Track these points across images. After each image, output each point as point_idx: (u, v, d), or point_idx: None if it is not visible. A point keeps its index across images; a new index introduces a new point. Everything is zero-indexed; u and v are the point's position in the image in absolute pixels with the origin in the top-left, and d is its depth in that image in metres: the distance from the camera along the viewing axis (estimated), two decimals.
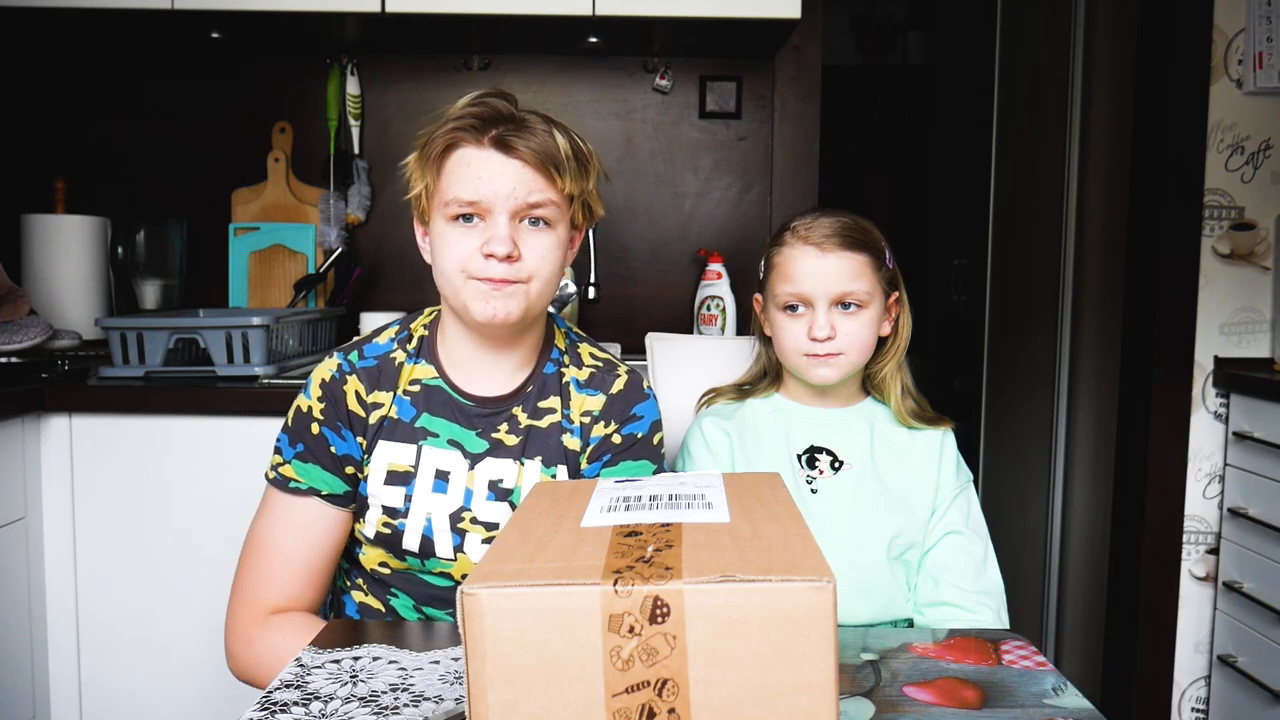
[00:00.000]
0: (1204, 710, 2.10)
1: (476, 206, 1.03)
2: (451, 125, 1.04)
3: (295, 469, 1.09)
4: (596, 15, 1.86)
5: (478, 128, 1.03)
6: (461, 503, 1.10)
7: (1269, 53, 2.00)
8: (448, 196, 1.04)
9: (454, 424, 1.11)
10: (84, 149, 2.22)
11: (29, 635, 1.61)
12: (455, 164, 1.04)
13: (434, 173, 1.05)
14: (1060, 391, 2.59)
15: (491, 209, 1.03)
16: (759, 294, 1.30)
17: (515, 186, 1.03)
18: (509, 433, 1.12)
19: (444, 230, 1.05)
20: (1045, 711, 0.78)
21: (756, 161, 2.27)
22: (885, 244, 1.24)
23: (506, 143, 1.03)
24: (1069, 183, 2.54)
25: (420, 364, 1.13)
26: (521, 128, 1.04)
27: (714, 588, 0.52)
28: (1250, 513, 1.94)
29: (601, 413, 1.14)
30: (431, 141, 1.05)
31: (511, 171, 1.03)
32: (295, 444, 1.10)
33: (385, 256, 2.26)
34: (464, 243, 1.04)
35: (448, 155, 1.05)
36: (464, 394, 1.12)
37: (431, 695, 0.81)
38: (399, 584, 1.14)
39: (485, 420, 1.11)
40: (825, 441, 1.25)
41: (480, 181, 1.02)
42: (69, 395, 1.62)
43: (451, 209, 1.04)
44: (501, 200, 1.03)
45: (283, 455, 1.10)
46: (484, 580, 0.53)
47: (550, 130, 1.05)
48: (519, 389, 1.13)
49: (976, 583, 1.19)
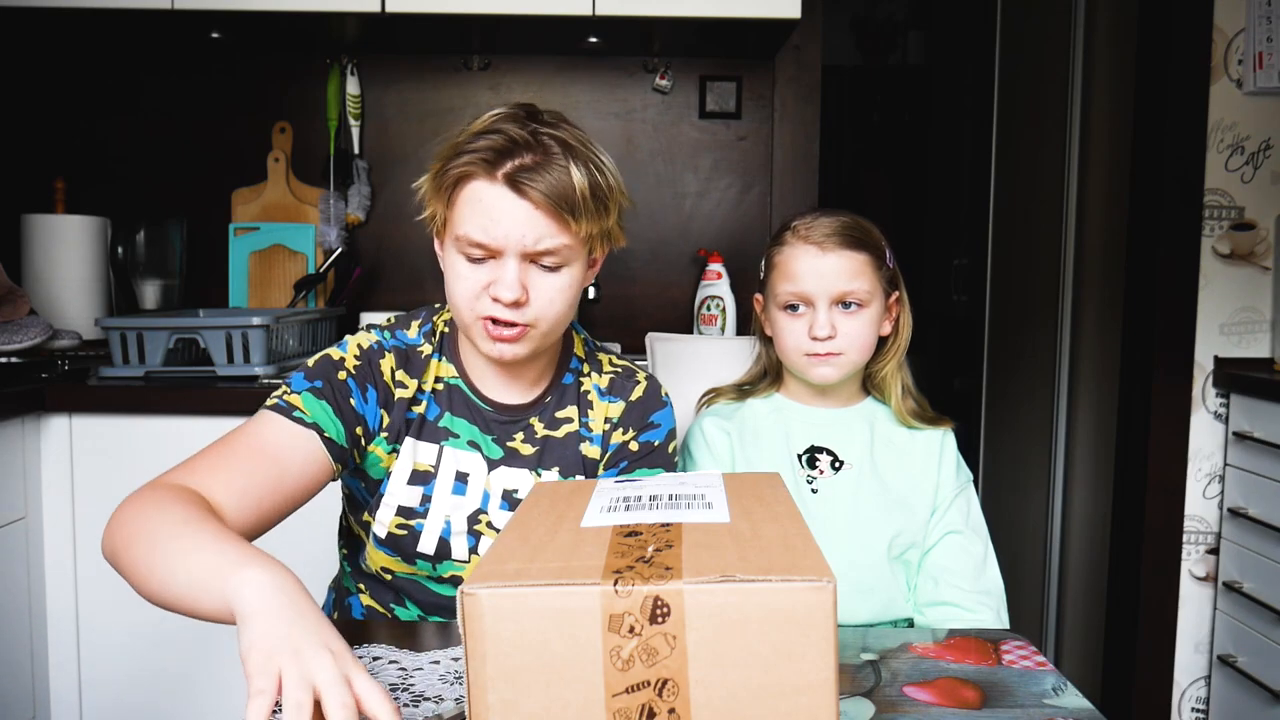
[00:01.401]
0: (1204, 710, 2.10)
1: (486, 249, 0.99)
2: (466, 158, 0.99)
3: (304, 400, 1.00)
4: (596, 15, 1.86)
5: (491, 161, 0.98)
6: (479, 504, 1.09)
7: (1269, 53, 2.00)
8: (458, 232, 1.00)
9: (474, 425, 1.09)
10: (84, 149, 2.22)
11: (29, 635, 1.61)
12: (466, 199, 0.99)
13: (445, 203, 1.02)
14: (1060, 391, 2.59)
15: (502, 251, 0.99)
16: (759, 294, 1.30)
17: (525, 231, 0.98)
18: (525, 442, 1.10)
19: (454, 262, 1.02)
20: (1045, 711, 0.78)
21: (756, 161, 2.27)
22: (886, 243, 1.24)
23: (518, 183, 0.97)
24: (1069, 183, 2.54)
25: (443, 361, 1.11)
26: (537, 164, 0.97)
27: (714, 588, 0.52)
28: (1250, 513, 1.94)
29: (620, 419, 1.13)
30: (446, 172, 1.00)
31: (522, 214, 0.98)
32: (312, 380, 1.02)
33: (385, 256, 2.26)
34: (473, 279, 1.00)
35: (460, 188, 1.00)
36: (483, 398, 1.10)
37: (431, 695, 0.81)
38: (405, 589, 1.12)
39: (502, 427, 1.10)
40: (825, 441, 1.25)
41: (491, 223, 0.98)
42: (69, 395, 1.62)
43: (462, 246, 1.00)
44: (512, 244, 0.98)
45: (293, 387, 1.02)
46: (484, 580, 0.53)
47: (568, 165, 0.98)
48: (536, 400, 1.12)
49: (976, 582, 1.19)
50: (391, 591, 1.13)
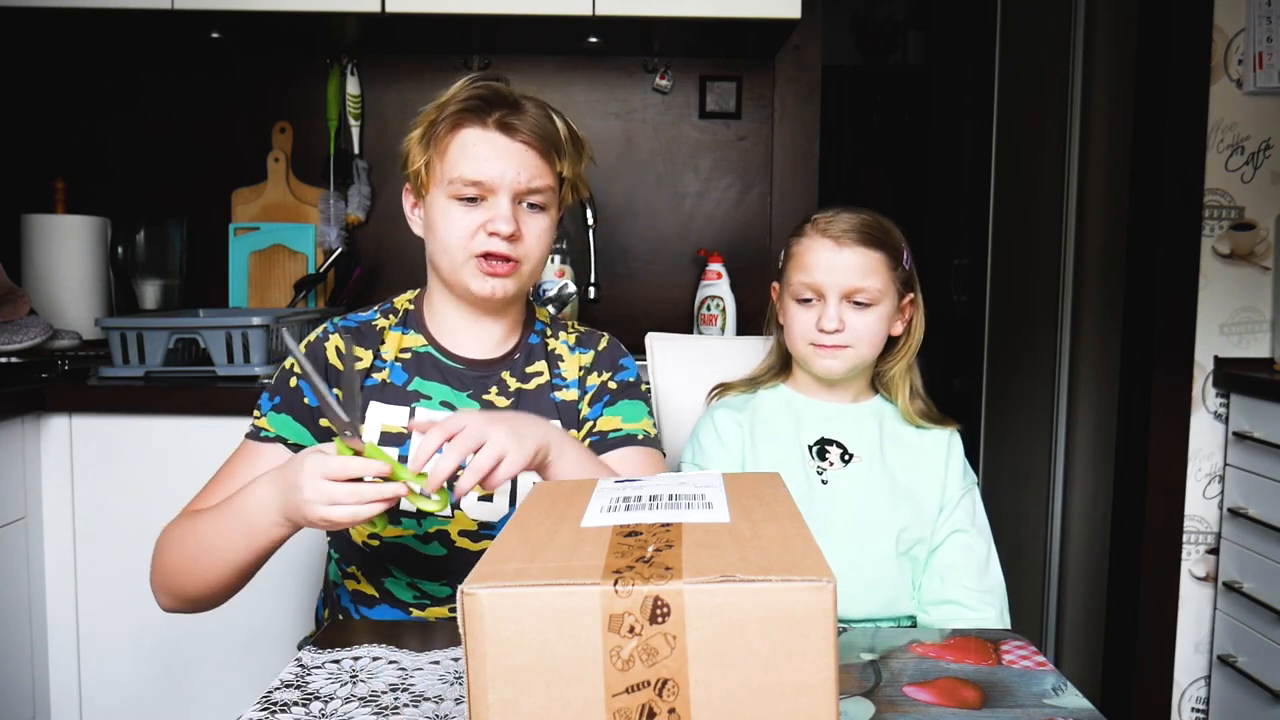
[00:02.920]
0: (1204, 710, 2.10)
1: (481, 186, 1.08)
2: (457, 106, 1.09)
3: (269, 419, 1.13)
4: (596, 15, 1.86)
5: (482, 109, 1.09)
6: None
7: (1269, 53, 1.99)
8: (452, 175, 1.09)
9: (446, 386, 1.15)
10: (84, 149, 2.22)
11: (29, 635, 1.61)
12: (460, 144, 1.09)
13: (438, 151, 1.10)
14: (1060, 391, 2.59)
15: (495, 189, 1.09)
16: (776, 283, 1.31)
17: (519, 171, 1.09)
18: (499, 395, 1.16)
19: (446, 207, 1.10)
20: (1045, 711, 0.78)
21: (756, 161, 2.27)
22: (905, 245, 1.26)
23: (510, 125, 1.09)
24: (1069, 183, 2.54)
25: (409, 334, 1.18)
26: (522, 111, 1.10)
27: (714, 588, 0.52)
28: (1250, 513, 1.94)
29: (593, 365, 1.22)
30: (438, 122, 1.10)
31: (515, 154, 1.09)
32: (273, 398, 1.14)
33: (385, 256, 2.26)
34: (466, 220, 1.09)
35: (453, 135, 1.09)
36: (453, 356, 1.16)
37: (431, 695, 0.81)
38: (390, 559, 1.14)
39: (476, 382, 1.16)
40: (835, 434, 1.25)
41: (485, 162, 1.08)
42: (69, 395, 1.62)
43: (455, 187, 1.09)
44: (506, 181, 1.08)
45: (261, 410, 1.14)
46: (484, 580, 0.53)
47: (549, 115, 1.12)
48: (507, 355, 1.19)
49: (980, 581, 1.20)
50: (380, 565, 1.15)
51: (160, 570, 1.06)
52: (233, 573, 1.01)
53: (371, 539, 1.14)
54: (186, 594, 1.05)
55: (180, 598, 1.06)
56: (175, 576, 1.04)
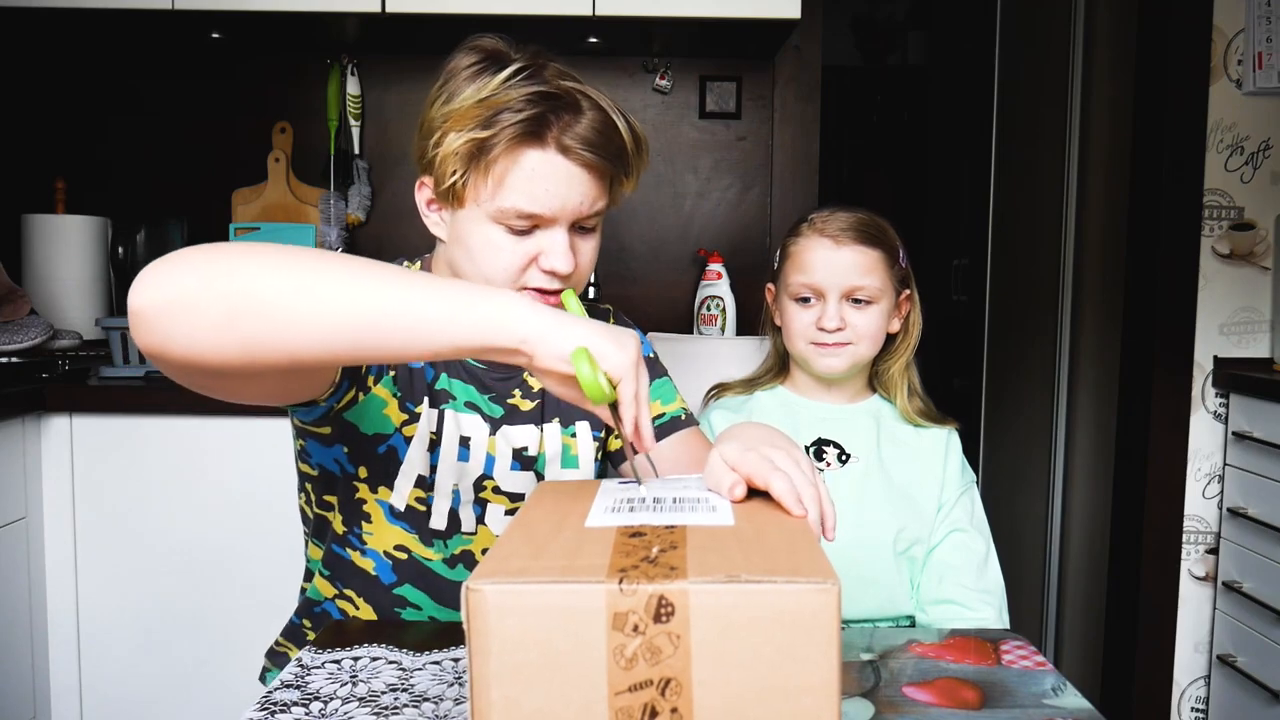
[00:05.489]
0: (1204, 710, 2.10)
1: (537, 219, 0.96)
2: (515, 124, 0.93)
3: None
4: (596, 15, 1.86)
5: (539, 122, 0.93)
6: (483, 469, 1.07)
7: (1269, 53, 2.00)
8: (504, 204, 0.95)
9: (469, 386, 1.07)
10: (84, 149, 2.22)
11: (29, 635, 1.61)
12: (517, 170, 0.94)
13: (488, 169, 0.94)
14: (1060, 391, 2.59)
15: (553, 221, 0.96)
16: (771, 284, 1.31)
17: (581, 200, 0.96)
18: (524, 398, 1.10)
19: (490, 235, 0.97)
20: (1045, 711, 0.78)
21: (756, 162, 2.27)
22: (900, 243, 1.26)
23: (570, 148, 0.94)
24: (1069, 183, 2.54)
25: None
26: (580, 115, 0.94)
27: (719, 588, 0.52)
28: (1250, 513, 1.94)
29: None
30: (492, 143, 0.93)
31: (576, 182, 0.95)
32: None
33: (385, 256, 2.23)
34: (516, 251, 0.97)
35: (508, 157, 0.94)
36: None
37: (432, 695, 0.81)
38: (409, 578, 1.07)
39: (500, 384, 1.09)
40: (832, 434, 1.25)
41: (544, 194, 0.94)
42: (69, 395, 1.62)
43: (506, 217, 0.95)
44: (566, 214, 0.96)
45: None
46: (489, 576, 0.53)
47: (611, 121, 0.96)
48: None
49: (979, 580, 1.20)
50: (388, 593, 1.07)
51: (185, 291, 0.70)
52: (325, 353, 0.73)
53: (399, 550, 1.06)
54: (218, 343, 0.71)
55: (193, 346, 0.71)
56: (226, 314, 0.70)
